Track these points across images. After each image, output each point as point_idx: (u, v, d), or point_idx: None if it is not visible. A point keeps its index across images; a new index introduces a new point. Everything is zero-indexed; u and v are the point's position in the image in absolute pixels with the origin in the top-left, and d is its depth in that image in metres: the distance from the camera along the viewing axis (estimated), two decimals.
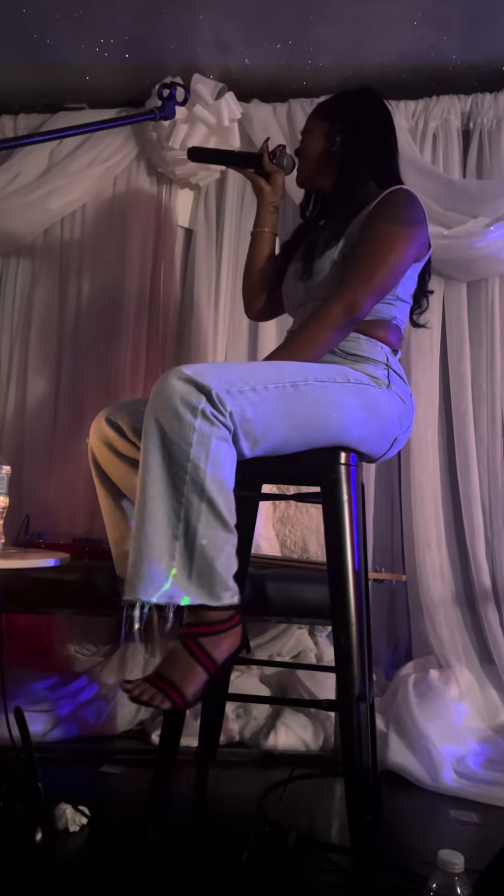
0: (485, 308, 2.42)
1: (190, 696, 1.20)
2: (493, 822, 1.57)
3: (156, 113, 1.38)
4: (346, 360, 1.46)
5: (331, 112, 1.63)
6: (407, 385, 1.53)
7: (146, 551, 1.17)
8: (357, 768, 1.25)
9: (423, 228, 1.50)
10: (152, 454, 1.20)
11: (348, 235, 1.50)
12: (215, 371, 1.23)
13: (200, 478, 1.18)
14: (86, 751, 1.90)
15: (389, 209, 1.46)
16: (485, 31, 2.24)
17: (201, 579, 1.19)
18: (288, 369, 1.32)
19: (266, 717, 2.06)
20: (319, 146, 1.61)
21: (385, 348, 1.50)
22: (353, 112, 1.61)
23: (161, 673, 1.22)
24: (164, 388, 1.20)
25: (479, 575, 2.30)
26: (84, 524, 2.48)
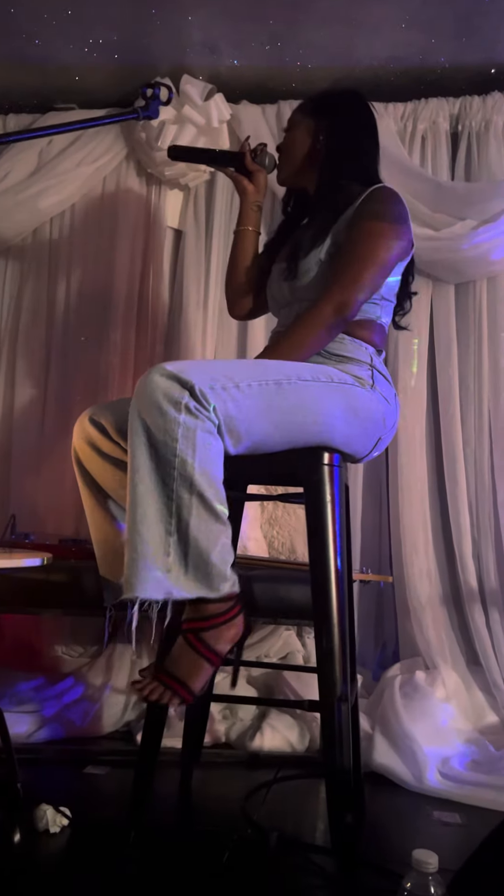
0: (472, 310, 2.42)
1: (197, 691, 1.22)
2: (476, 823, 1.57)
3: (139, 112, 1.38)
4: (331, 361, 1.46)
5: (317, 110, 1.62)
6: (391, 385, 1.53)
7: (141, 549, 1.18)
8: (338, 769, 1.25)
9: (408, 226, 1.51)
10: (139, 452, 1.21)
11: (334, 234, 1.50)
12: (198, 367, 1.24)
13: (188, 472, 1.19)
14: (71, 752, 1.90)
15: (375, 206, 1.47)
16: (473, 34, 2.25)
17: (198, 572, 1.19)
18: (272, 367, 1.32)
19: (252, 719, 2.06)
20: (304, 144, 1.61)
21: (369, 349, 1.50)
22: (339, 112, 1.61)
23: (168, 669, 1.23)
24: (147, 385, 1.21)
25: (465, 576, 2.30)
26: (71, 525, 2.48)
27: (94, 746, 1.95)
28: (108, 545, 1.55)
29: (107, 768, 1.79)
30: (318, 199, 1.60)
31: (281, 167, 1.67)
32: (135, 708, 2.12)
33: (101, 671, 2.22)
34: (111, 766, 1.80)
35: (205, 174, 2.56)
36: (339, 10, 2.16)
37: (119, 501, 1.54)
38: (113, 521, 1.55)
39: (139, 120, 1.37)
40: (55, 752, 1.89)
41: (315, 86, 2.47)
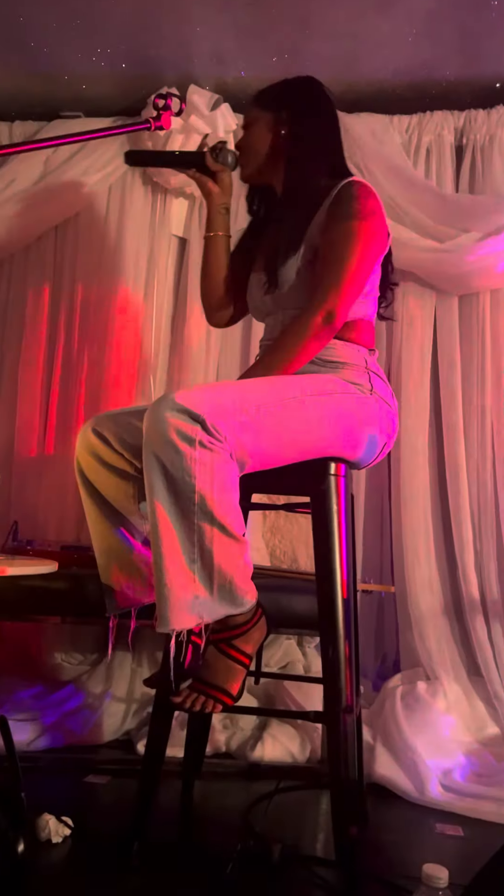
0: (476, 322, 2.43)
1: (236, 694, 1.29)
2: (479, 836, 1.56)
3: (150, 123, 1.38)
4: (325, 368, 1.45)
5: (275, 102, 1.57)
6: (387, 384, 1.52)
7: (169, 584, 1.20)
8: (343, 781, 1.25)
9: (382, 218, 1.48)
10: (158, 490, 1.21)
11: (309, 238, 1.47)
12: (206, 396, 1.23)
13: (209, 507, 1.20)
14: (71, 760, 1.89)
15: (348, 205, 1.43)
16: (477, 48, 2.26)
17: (223, 593, 1.23)
18: (277, 387, 1.32)
19: (253, 729, 2.05)
20: (265, 139, 1.55)
21: (362, 349, 1.49)
22: (298, 102, 1.56)
23: (204, 679, 1.28)
24: (158, 421, 1.19)
25: (467, 587, 2.30)
26: (73, 532, 2.48)
27: (94, 755, 1.94)
28: (111, 553, 1.55)
29: (107, 777, 1.78)
30: (287, 197, 1.54)
31: (243, 165, 1.62)
32: (135, 716, 2.11)
33: (102, 679, 2.22)
34: (112, 776, 1.79)
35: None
36: (345, 24, 2.18)
37: (122, 511, 1.54)
38: (115, 530, 1.55)
39: (150, 130, 1.37)
40: (55, 760, 1.88)
41: None
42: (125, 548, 1.55)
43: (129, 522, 1.54)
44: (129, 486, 1.51)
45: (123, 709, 2.12)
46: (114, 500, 1.52)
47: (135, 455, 1.47)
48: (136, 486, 1.51)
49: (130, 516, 1.54)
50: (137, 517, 1.54)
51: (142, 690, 2.17)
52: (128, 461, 1.49)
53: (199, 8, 2.15)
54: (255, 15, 2.16)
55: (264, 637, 1.37)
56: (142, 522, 1.54)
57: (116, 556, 1.54)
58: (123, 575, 1.55)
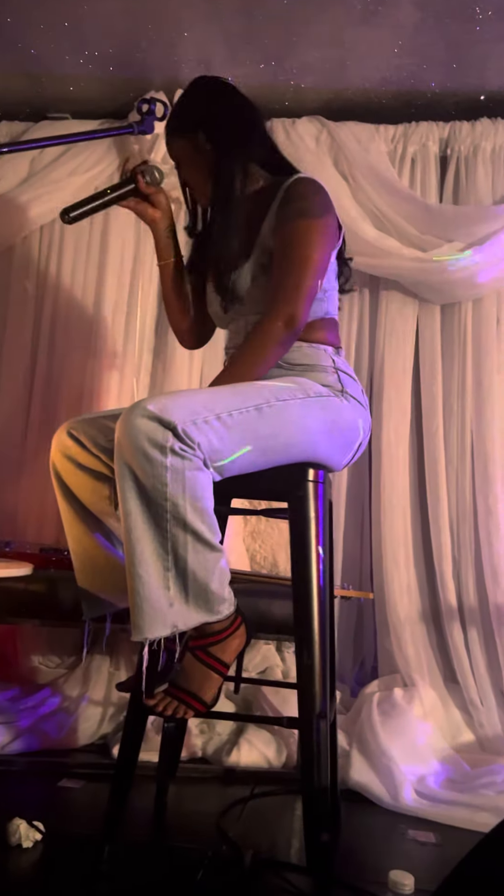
0: (457, 331, 2.45)
1: (209, 701, 1.29)
2: (451, 842, 1.57)
3: (134, 127, 1.39)
4: (294, 371, 1.44)
5: (189, 125, 1.52)
6: (357, 382, 1.51)
7: (143, 592, 1.19)
8: (316, 787, 1.25)
9: (333, 213, 1.46)
10: (130, 498, 1.20)
11: (261, 238, 1.45)
12: (178, 403, 1.21)
13: (181, 514, 1.19)
14: (45, 764, 1.87)
15: (298, 204, 1.41)
16: (463, 61, 2.29)
17: (198, 601, 1.22)
18: (250, 393, 1.31)
19: (229, 733, 2.05)
20: (200, 164, 1.51)
21: (328, 349, 1.48)
22: (203, 110, 1.52)
23: (179, 684, 1.28)
24: (130, 429, 1.18)
25: (445, 594, 2.32)
26: (52, 534, 2.46)
27: (68, 759, 1.93)
28: (87, 556, 1.55)
29: (82, 782, 1.77)
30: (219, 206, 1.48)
31: (199, 199, 1.61)
32: (111, 720, 2.10)
33: (78, 683, 2.20)
34: (86, 780, 1.78)
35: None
36: (333, 33, 2.20)
37: (97, 514, 1.54)
38: (91, 532, 1.55)
39: (134, 134, 1.38)
40: (29, 764, 1.87)
41: (307, 105, 2.52)
42: (101, 551, 1.54)
43: (105, 525, 1.54)
44: (105, 487, 1.51)
45: (100, 713, 2.11)
46: (89, 503, 1.52)
47: (110, 457, 1.46)
48: (111, 488, 1.51)
49: (106, 519, 1.54)
50: (113, 519, 1.54)
51: (118, 695, 2.16)
52: (103, 463, 1.48)
53: (187, 13, 2.16)
54: (243, 22, 2.17)
55: (244, 645, 1.35)
56: (117, 525, 1.54)
57: (92, 559, 1.54)
58: (99, 579, 1.55)
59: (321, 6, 2.09)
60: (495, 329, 2.42)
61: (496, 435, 2.36)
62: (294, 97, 2.50)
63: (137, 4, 2.13)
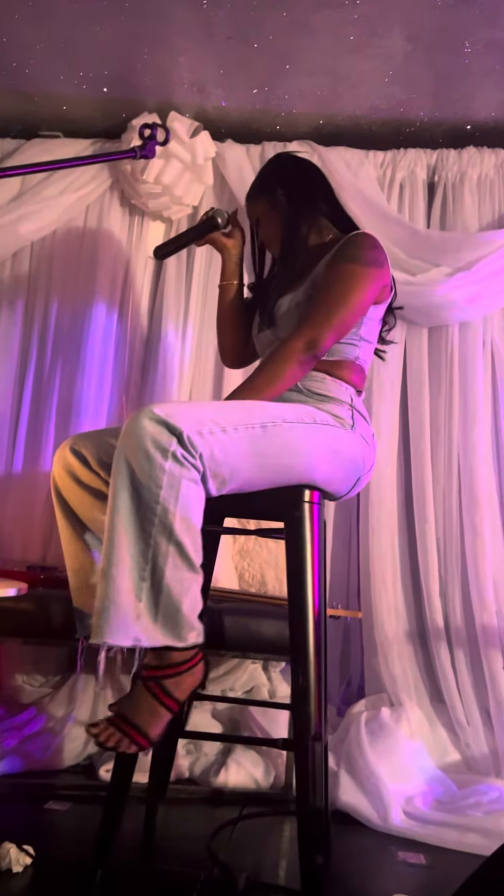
0: (444, 353, 2.49)
1: (154, 738, 1.22)
2: (441, 864, 1.57)
3: (136, 152, 1.40)
4: (312, 399, 1.48)
5: (268, 183, 1.70)
6: (370, 425, 1.56)
7: (113, 595, 1.17)
8: (311, 809, 1.25)
9: (384, 271, 1.54)
10: (121, 495, 1.20)
11: (314, 276, 1.54)
12: (186, 411, 1.23)
13: (169, 521, 1.18)
14: (31, 786, 1.85)
15: (350, 250, 1.51)
16: (451, 91, 2.35)
17: (167, 621, 1.19)
18: (257, 410, 1.33)
19: (217, 754, 2.04)
20: (275, 218, 1.67)
21: (350, 389, 1.53)
22: (282, 173, 1.70)
23: (125, 716, 1.22)
24: (135, 428, 1.20)
25: (432, 614, 2.33)
26: (38, 551, 2.44)
27: (54, 780, 1.91)
28: (84, 576, 1.54)
29: (69, 804, 1.75)
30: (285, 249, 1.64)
31: (275, 253, 1.72)
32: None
33: (64, 702, 2.18)
34: (73, 802, 1.76)
35: (187, 208, 2.61)
36: (325, 62, 2.24)
37: (97, 532, 1.53)
38: (90, 551, 1.54)
39: (136, 158, 1.39)
40: (14, 786, 1.84)
41: (298, 130, 2.57)
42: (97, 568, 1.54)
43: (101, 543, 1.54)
44: (105, 506, 1.50)
45: (85, 733, 2.08)
46: (89, 521, 1.51)
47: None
48: None
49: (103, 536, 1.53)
50: None
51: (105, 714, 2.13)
52: (104, 481, 1.48)
53: (181, 38, 2.19)
54: (237, 48, 2.21)
55: (197, 686, 1.27)
56: None
57: (89, 577, 1.53)
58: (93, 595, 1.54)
59: (314, 35, 2.14)
60: (481, 352, 2.47)
61: (482, 456, 2.40)
62: (285, 122, 2.55)
63: (133, 28, 2.16)
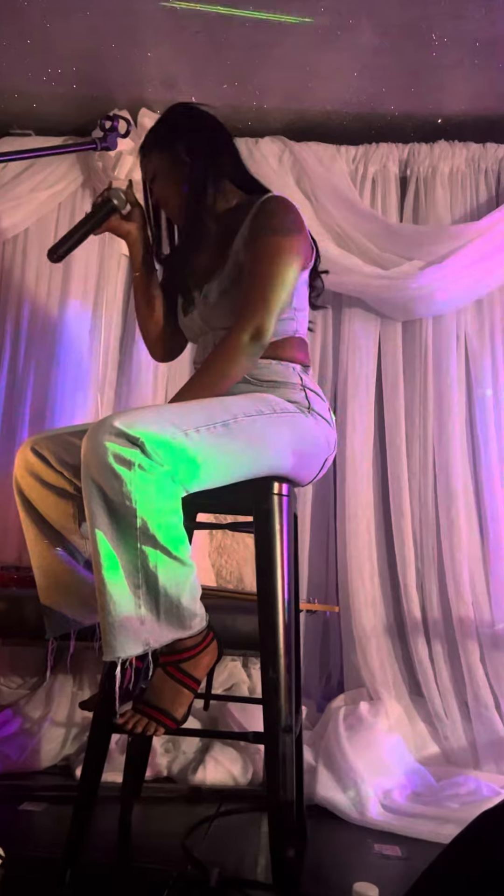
0: (418, 347, 2.50)
1: (180, 718, 1.26)
2: (417, 855, 1.57)
3: (97, 143, 1.39)
4: (261, 388, 1.45)
5: (167, 137, 1.55)
6: (324, 400, 1.52)
7: (113, 610, 1.18)
8: (281, 801, 1.24)
9: (305, 234, 1.48)
10: (99, 517, 1.19)
11: (233, 254, 1.47)
12: (145, 419, 1.21)
13: (150, 530, 1.18)
14: (6, 787, 1.83)
15: (268, 221, 1.43)
16: (421, 86, 2.36)
17: (170, 617, 1.21)
18: (217, 408, 1.31)
19: (195, 752, 2.02)
20: (177, 176, 1.53)
21: (297, 367, 1.49)
22: (185, 127, 1.56)
23: (149, 701, 1.26)
24: (96, 446, 1.17)
25: (409, 606, 2.34)
26: (14, 552, 2.42)
27: (30, 782, 1.89)
28: (51, 574, 1.52)
29: (44, 804, 1.73)
30: (191, 221, 1.53)
31: (171, 213, 1.61)
32: (74, 741, 2.07)
33: (41, 703, 2.16)
34: (49, 803, 1.74)
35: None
36: (294, 55, 2.24)
37: (61, 531, 1.52)
38: (55, 549, 1.52)
39: (97, 150, 1.38)
40: None
41: (270, 125, 2.56)
42: (65, 568, 1.52)
43: (69, 542, 1.52)
44: (70, 505, 1.49)
45: (63, 734, 2.07)
46: (53, 520, 1.50)
47: (74, 474, 1.45)
48: (76, 505, 1.49)
49: (70, 536, 1.52)
50: (77, 537, 1.52)
51: (82, 715, 2.12)
52: (67, 480, 1.47)
53: (151, 33, 2.18)
54: (206, 42, 2.21)
55: (215, 661, 1.34)
56: (82, 542, 1.52)
57: (56, 576, 1.52)
58: (63, 596, 1.53)
59: (284, 29, 2.13)
60: (455, 345, 2.48)
61: (457, 448, 2.41)
62: (257, 117, 2.54)
63: (102, 24, 2.15)
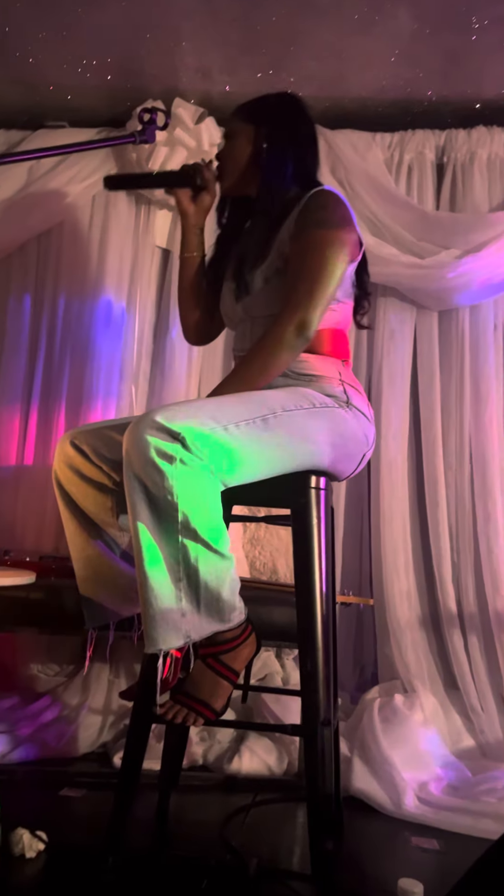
0: (455, 337, 2.47)
1: (219, 709, 1.29)
2: (455, 849, 1.57)
3: (136, 137, 1.39)
4: (300, 381, 1.44)
5: (256, 115, 1.57)
6: (363, 394, 1.51)
7: (156, 603, 1.20)
8: (320, 794, 1.25)
9: (353, 226, 1.47)
10: (140, 510, 1.21)
11: (279, 244, 1.47)
12: (185, 413, 1.22)
13: (192, 523, 1.20)
14: (46, 773, 1.87)
15: (318, 214, 1.43)
16: (459, 70, 2.31)
17: (210, 610, 1.23)
18: (255, 403, 1.31)
19: (230, 741, 2.04)
20: (245, 151, 1.55)
21: (336, 362, 1.48)
22: (278, 117, 1.56)
23: (189, 692, 1.29)
24: (138, 441, 1.19)
25: (444, 599, 2.32)
26: (52, 541, 2.46)
27: (69, 768, 1.92)
28: (90, 566, 1.54)
29: (83, 791, 1.77)
30: (260, 207, 1.53)
31: (224, 176, 1.61)
32: (111, 729, 2.10)
33: (78, 691, 2.20)
34: (87, 789, 1.78)
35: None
36: (330, 43, 2.21)
37: (100, 524, 1.54)
38: (95, 542, 1.54)
39: (136, 143, 1.38)
40: (30, 773, 1.86)
41: None
42: (104, 560, 1.54)
43: (107, 535, 1.54)
44: (108, 498, 1.51)
45: (100, 721, 2.10)
46: (92, 513, 1.51)
47: (113, 468, 1.47)
48: (114, 498, 1.51)
49: (108, 529, 1.54)
50: (115, 530, 1.54)
51: (118, 703, 2.15)
52: (106, 474, 1.49)
53: (186, 23, 2.17)
54: (242, 31, 2.19)
55: (254, 654, 1.36)
56: (120, 535, 1.54)
57: (95, 568, 1.54)
58: (102, 587, 1.55)
59: (319, 16, 2.10)
60: (492, 335, 2.44)
61: (494, 440, 2.37)
62: None
63: (136, 14, 2.14)
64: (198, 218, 1.65)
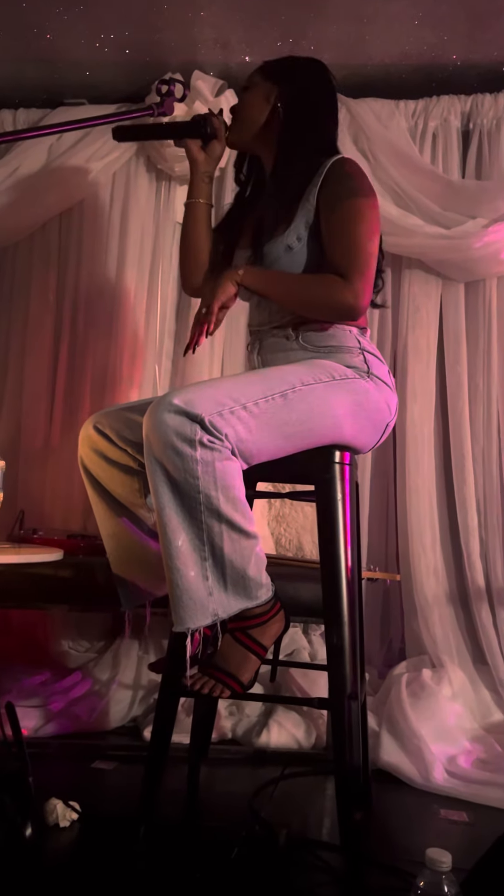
0: (482, 309, 2.42)
1: (247, 682, 1.30)
2: (483, 821, 1.57)
3: (154, 109, 1.37)
4: (319, 353, 1.43)
5: (278, 74, 1.53)
6: (383, 363, 1.49)
7: (182, 584, 1.22)
8: (348, 766, 1.26)
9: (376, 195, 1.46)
10: (163, 493, 1.22)
11: (302, 214, 1.43)
12: (203, 394, 1.22)
13: (214, 505, 1.20)
14: (78, 746, 1.91)
15: (350, 183, 1.41)
16: (485, 32, 2.24)
17: (237, 588, 1.25)
18: (275, 379, 1.31)
19: (259, 715, 2.06)
20: (262, 108, 1.51)
21: (353, 330, 1.45)
22: (300, 79, 1.52)
23: (217, 664, 1.30)
24: (158, 424, 1.19)
25: (473, 575, 2.30)
26: (79, 520, 2.48)
27: (101, 741, 1.96)
28: (122, 548, 1.56)
29: (114, 763, 1.80)
30: (278, 173, 1.49)
31: (234, 129, 1.56)
32: (141, 703, 2.13)
33: (108, 666, 2.23)
34: (119, 762, 1.81)
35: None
36: (351, 6, 2.15)
37: (128, 505, 1.55)
38: (124, 523, 1.56)
39: (154, 116, 1.36)
40: (62, 746, 1.90)
41: None
42: (134, 541, 1.56)
43: (135, 516, 1.55)
44: (134, 480, 1.52)
45: (130, 696, 2.13)
46: (120, 495, 1.53)
47: (137, 450, 1.47)
48: (140, 480, 1.52)
49: (137, 510, 1.55)
50: (144, 510, 1.55)
51: (148, 677, 2.18)
52: (131, 456, 1.49)
53: None
54: None
55: (282, 631, 1.37)
56: (149, 515, 1.55)
57: (126, 550, 1.55)
58: (135, 567, 1.56)
59: None
60: None
61: None
62: None
63: None
64: (207, 166, 1.59)
